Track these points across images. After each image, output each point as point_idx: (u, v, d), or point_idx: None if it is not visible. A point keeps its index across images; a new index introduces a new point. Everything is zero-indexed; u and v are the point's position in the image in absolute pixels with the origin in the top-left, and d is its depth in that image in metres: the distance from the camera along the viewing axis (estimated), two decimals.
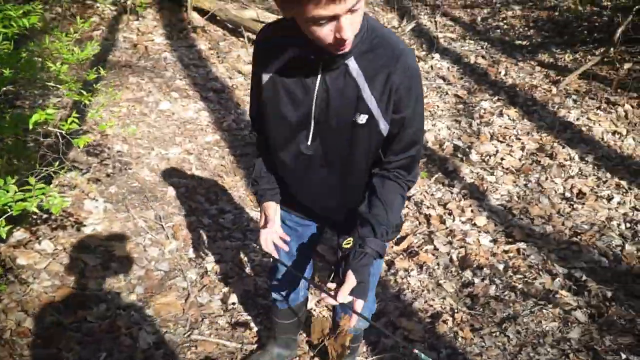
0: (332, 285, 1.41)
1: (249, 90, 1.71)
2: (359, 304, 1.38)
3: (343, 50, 1.25)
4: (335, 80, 1.38)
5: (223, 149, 4.06)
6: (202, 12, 5.99)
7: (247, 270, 2.95)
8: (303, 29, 1.22)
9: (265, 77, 1.48)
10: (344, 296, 1.34)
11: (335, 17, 1.14)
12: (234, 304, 2.70)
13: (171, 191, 3.47)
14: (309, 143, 1.50)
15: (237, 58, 5.52)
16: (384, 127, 1.42)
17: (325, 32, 1.18)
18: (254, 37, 5.83)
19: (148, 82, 4.62)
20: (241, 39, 5.83)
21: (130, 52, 5.06)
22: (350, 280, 1.36)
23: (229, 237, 3.19)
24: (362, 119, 1.40)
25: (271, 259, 1.98)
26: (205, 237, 3.13)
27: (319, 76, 1.38)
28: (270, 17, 6.06)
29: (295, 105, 1.46)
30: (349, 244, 1.44)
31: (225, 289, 2.79)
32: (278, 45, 1.45)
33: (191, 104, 4.53)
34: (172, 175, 3.64)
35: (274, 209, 1.72)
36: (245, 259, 3.04)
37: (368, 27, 1.34)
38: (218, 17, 5.97)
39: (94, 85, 2.88)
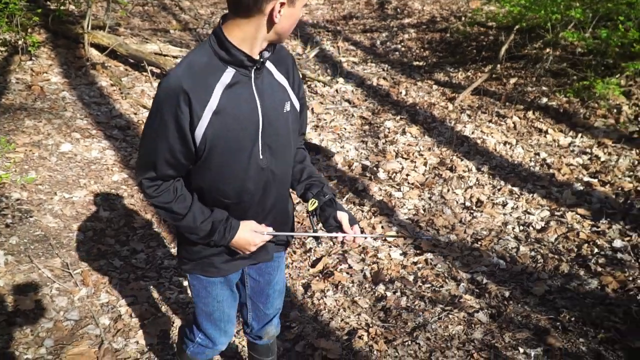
0: (335, 233, 1.72)
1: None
2: (357, 228, 1.74)
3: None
4: (264, 83, 1.56)
5: (132, 187, 3.98)
6: (100, 48, 5.84)
7: (163, 309, 2.91)
8: (282, 26, 1.44)
9: (207, 116, 1.45)
10: (348, 228, 1.71)
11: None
12: (151, 345, 2.65)
13: (78, 236, 3.35)
14: (261, 156, 1.59)
15: (142, 93, 5.44)
16: (297, 107, 1.70)
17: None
18: (157, 71, 5.80)
19: (46, 124, 4.44)
20: (145, 73, 5.76)
21: (25, 94, 4.85)
22: (344, 217, 1.72)
23: (142, 278, 3.12)
24: (288, 106, 1.64)
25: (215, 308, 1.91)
26: (117, 280, 3.05)
27: (253, 85, 1.53)
28: (174, 50, 6.04)
29: (244, 126, 1.53)
30: (314, 203, 1.74)
31: (141, 331, 2.73)
32: (212, 75, 1.45)
33: (95, 144, 4.40)
34: (78, 219, 3.52)
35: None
36: (161, 297, 2.99)
37: None
38: (118, 53, 5.85)
39: None
